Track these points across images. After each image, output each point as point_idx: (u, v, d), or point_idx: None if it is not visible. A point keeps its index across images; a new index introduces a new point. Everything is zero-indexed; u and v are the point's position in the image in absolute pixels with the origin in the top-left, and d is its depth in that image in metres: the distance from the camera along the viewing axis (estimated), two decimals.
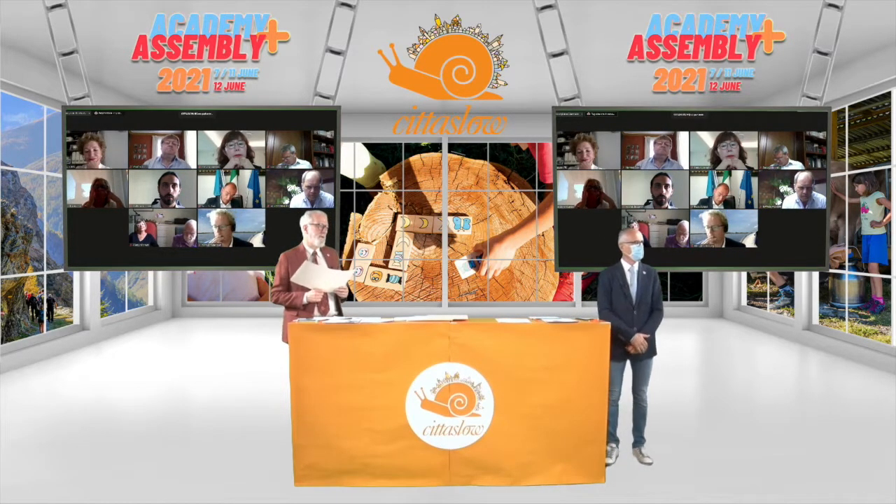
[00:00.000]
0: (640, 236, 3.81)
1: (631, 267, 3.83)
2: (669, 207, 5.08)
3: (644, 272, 3.83)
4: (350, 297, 3.99)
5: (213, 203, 5.04)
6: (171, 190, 5.01)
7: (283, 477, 3.59)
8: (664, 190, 5.04)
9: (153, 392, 5.67)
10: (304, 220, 3.95)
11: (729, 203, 5.06)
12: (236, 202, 5.05)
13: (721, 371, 6.72)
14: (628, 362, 3.90)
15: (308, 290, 3.86)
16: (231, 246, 5.03)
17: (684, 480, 3.61)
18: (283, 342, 3.85)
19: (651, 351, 3.83)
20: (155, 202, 5.03)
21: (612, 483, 3.54)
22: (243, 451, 3.99)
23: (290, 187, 5.06)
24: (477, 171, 10.36)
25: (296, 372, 3.50)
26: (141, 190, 5.03)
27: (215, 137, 5.05)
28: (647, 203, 5.07)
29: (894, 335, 6.87)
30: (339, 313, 3.98)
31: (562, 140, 5.07)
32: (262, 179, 5.05)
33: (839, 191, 7.75)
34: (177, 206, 5.03)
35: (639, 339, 3.72)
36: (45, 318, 7.83)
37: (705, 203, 5.06)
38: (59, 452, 4.08)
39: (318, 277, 3.79)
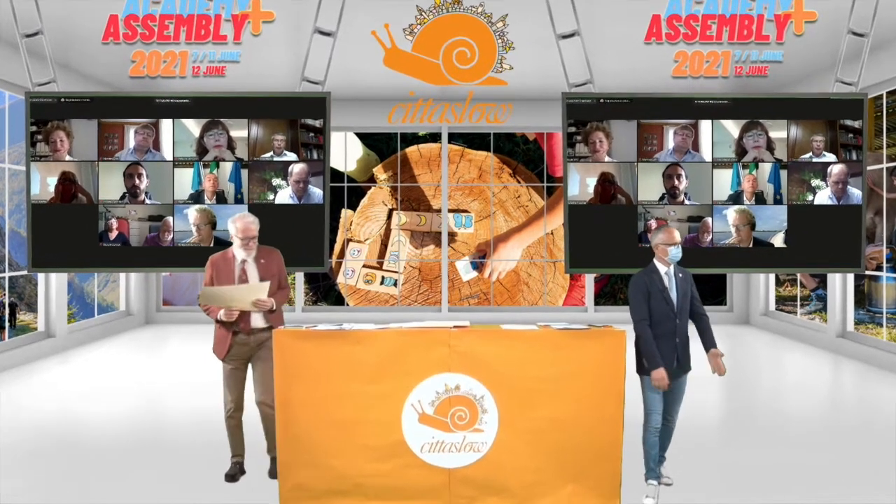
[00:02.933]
0: (678, 237, 3.75)
1: (668, 269, 3.76)
2: (688, 202, 5.07)
3: (680, 274, 3.76)
4: (271, 311, 3.79)
5: (194, 198, 5.04)
6: (137, 181, 5.00)
7: (267, 498, 3.59)
8: (676, 181, 5.04)
9: (125, 405, 5.67)
10: (230, 229, 3.78)
11: (757, 198, 5.06)
12: (218, 197, 5.05)
13: (747, 382, 6.72)
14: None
15: None
16: (211, 245, 5.02)
17: (707, 501, 3.61)
18: (213, 353, 3.83)
19: (688, 363, 3.76)
20: (123, 196, 5.02)
21: None
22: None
23: (276, 181, 5.06)
24: (480, 164, 10.36)
25: (281, 383, 3.49)
26: (112, 184, 5.02)
27: (193, 126, 5.05)
28: (662, 198, 5.07)
29: None
30: (269, 326, 3.76)
31: (573, 129, 5.07)
32: (244, 173, 5.05)
33: (876, 185, 7.75)
34: (148, 202, 5.03)
35: (661, 373, 3.58)
36: (6, 324, 7.83)
37: (735, 199, 5.05)
38: (23, 470, 4.08)
39: (229, 299, 3.63)
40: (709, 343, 3.72)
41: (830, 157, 5.03)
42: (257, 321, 3.78)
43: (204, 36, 4.88)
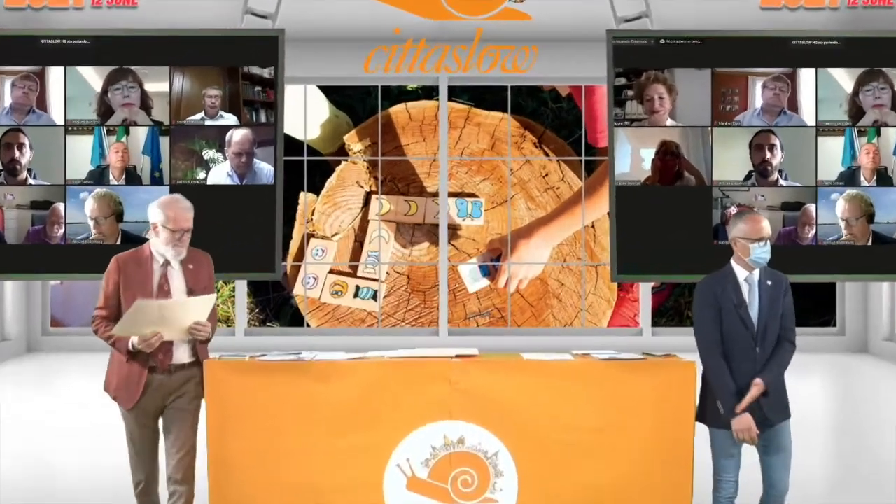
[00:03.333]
0: (766, 229, 3.63)
1: (749, 275, 3.67)
2: (784, 183, 5.07)
3: (769, 281, 3.62)
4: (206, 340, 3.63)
5: (95, 177, 5.04)
6: (18, 154, 4.99)
7: None
8: (768, 154, 5.03)
9: (1, 464, 5.67)
10: (155, 216, 3.55)
11: (879, 177, 5.06)
12: (128, 175, 5.06)
13: (865, 430, 6.72)
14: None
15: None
16: (118, 243, 5.03)
17: None
18: (105, 392, 3.62)
19: (783, 408, 3.61)
20: None
21: None
22: None
23: (208, 153, 5.06)
24: (493, 130, 10.36)
25: (215, 434, 3.50)
26: None
27: (93, 77, 5.05)
28: (748, 176, 5.06)
29: None
30: (198, 360, 3.62)
31: (622, 82, 5.07)
32: (164, 141, 5.05)
33: None
34: (31, 182, 5.03)
35: (747, 421, 3.48)
36: None
37: (848, 178, 5.04)
38: None
39: (162, 320, 3.42)
40: (768, 372, 3.46)
41: None
42: (182, 355, 3.65)
43: None
